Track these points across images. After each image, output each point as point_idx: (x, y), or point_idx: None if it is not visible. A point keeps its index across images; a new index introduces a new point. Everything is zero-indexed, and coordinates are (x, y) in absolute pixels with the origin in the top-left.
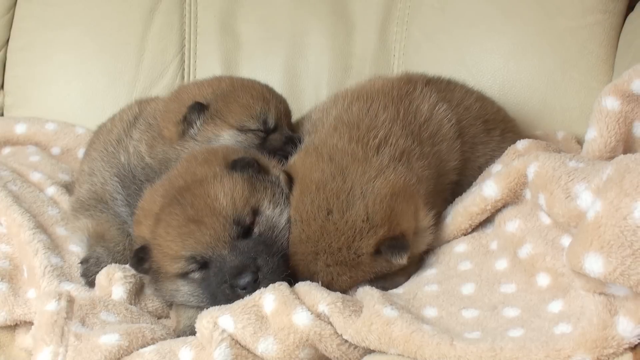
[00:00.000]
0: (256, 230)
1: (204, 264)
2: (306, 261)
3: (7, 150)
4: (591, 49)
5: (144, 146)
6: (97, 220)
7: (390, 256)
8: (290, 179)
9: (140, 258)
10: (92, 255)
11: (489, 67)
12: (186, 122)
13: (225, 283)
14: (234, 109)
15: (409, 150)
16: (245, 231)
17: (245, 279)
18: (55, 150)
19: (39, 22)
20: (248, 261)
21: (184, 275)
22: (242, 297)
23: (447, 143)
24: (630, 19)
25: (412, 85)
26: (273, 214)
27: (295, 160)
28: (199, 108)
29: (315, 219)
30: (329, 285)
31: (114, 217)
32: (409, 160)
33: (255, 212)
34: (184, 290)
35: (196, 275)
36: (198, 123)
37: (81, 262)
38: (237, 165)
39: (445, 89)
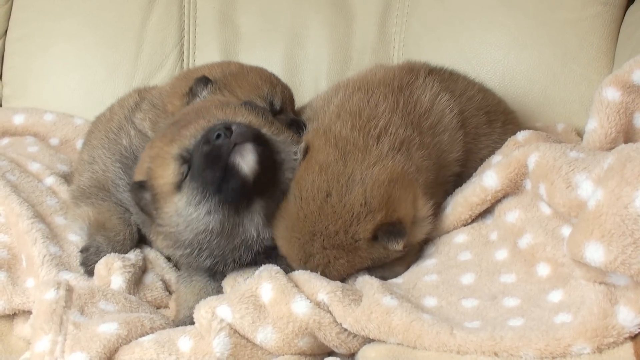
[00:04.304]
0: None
1: (190, 162)
2: (303, 241)
3: (5, 140)
4: (591, 41)
5: (148, 122)
6: (98, 209)
7: (386, 242)
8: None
9: (140, 185)
10: (92, 244)
11: (489, 59)
12: (192, 93)
13: (203, 147)
14: (243, 85)
15: (408, 140)
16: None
17: (216, 130)
18: (54, 141)
19: (37, 13)
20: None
21: (178, 186)
22: (220, 152)
23: (449, 133)
24: (630, 11)
25: (414, 75)
26: (277, 139)
27: (306, 139)
28: (205, 81)
29: (314, 199)
30: (326, 268)
31: (115, 206)
32: (409, 149)
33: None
34: (181, 205)
35: (187, 178)
36: (204, 94)
37: (81, 251)
38: (250, 104)
39: (448, 79)
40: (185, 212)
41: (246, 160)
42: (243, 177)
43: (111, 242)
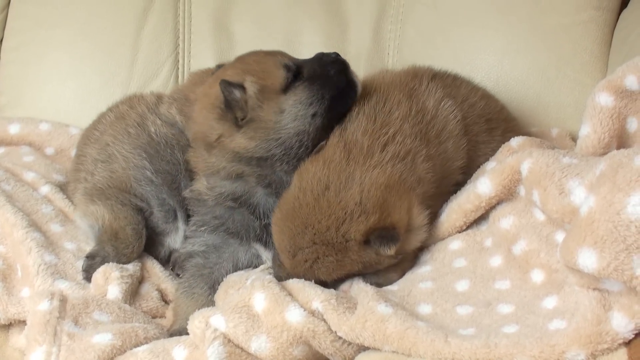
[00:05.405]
0: None
1: (299, 69)
2: (294, 232)
3: (0, 150)
4: (585, 45)
5: (175, 110)
6: (115, 214)
7: (378, 246)
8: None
9: (229, 83)
10: (100, 253)
11: (483, 64)
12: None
13: (323, 60)
14: None
15: (415, 152)
16: None
17: (332, 54)
18: (49, 151)
19: (32, 22)
20: None
21: (284, 89)
22: (345, 65)
23: (453, 141)
24: (624, 16)
25: (418, 81)
26: None
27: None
28: None
29: (312, 191)
30: (314, 264)
31: (133, 213)
32: (414, 160)
33: None
34: (289, 104)
35: (297, 83)
36: None
37: (87, 257)
38: None
39: (451, 84)
40: (294, 109)
41: (359, 83)
42: (357, 93)
43: (119, 254)
